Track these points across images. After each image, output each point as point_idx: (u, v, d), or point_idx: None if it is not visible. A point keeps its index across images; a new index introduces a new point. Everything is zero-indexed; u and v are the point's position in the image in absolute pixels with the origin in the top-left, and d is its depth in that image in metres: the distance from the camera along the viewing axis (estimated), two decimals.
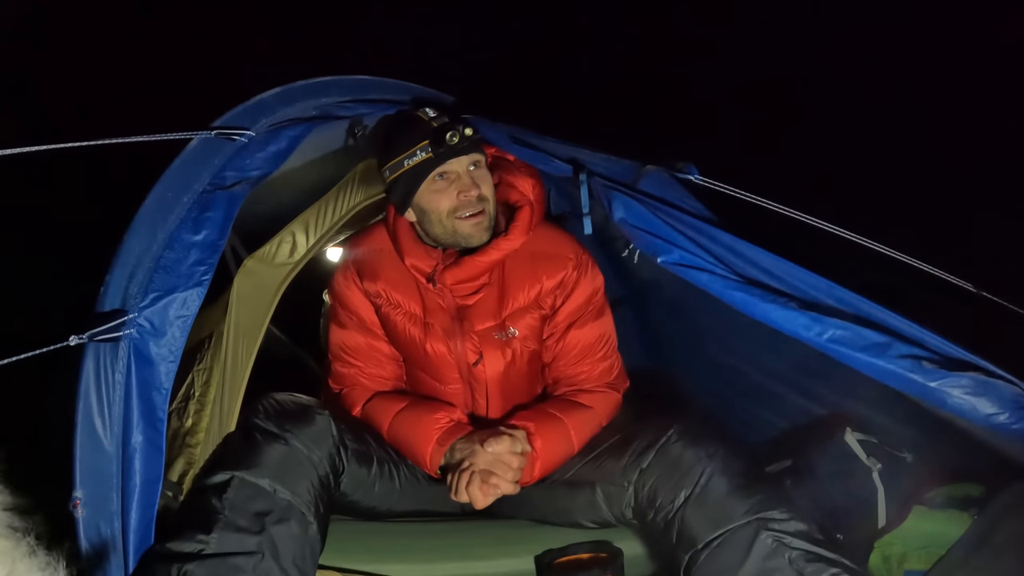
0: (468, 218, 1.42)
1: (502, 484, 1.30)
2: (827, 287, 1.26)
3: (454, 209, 1.42)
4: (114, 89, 3.09)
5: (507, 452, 1.33)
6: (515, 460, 1.33)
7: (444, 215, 1.43)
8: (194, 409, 1.42)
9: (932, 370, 1.14)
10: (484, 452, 1.32)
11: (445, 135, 1.38)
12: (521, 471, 1.35)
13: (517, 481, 1.34)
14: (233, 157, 1.34)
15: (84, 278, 1.24)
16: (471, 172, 1.44)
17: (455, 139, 1.38)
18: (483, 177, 1.46)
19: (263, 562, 1.12)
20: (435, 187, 1.43)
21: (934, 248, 1.40)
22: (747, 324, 1.28)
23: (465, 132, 1.40)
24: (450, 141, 1.38)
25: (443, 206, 1.42)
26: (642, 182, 1.49)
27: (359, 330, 1.58)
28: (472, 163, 1.44)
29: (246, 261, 1.55)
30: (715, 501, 1.21)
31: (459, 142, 1.39)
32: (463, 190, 1.41)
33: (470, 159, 1.44)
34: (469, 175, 1.43)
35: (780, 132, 3.31)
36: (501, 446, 1.32)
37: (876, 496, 1.41)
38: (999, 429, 1.12)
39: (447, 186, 1.42)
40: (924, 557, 1.25)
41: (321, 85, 1.52)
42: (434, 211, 1.44)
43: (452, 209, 1.42)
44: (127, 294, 1.17)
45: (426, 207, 1.45)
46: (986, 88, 2.76)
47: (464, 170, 1.43)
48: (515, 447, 1.34)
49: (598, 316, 1.56)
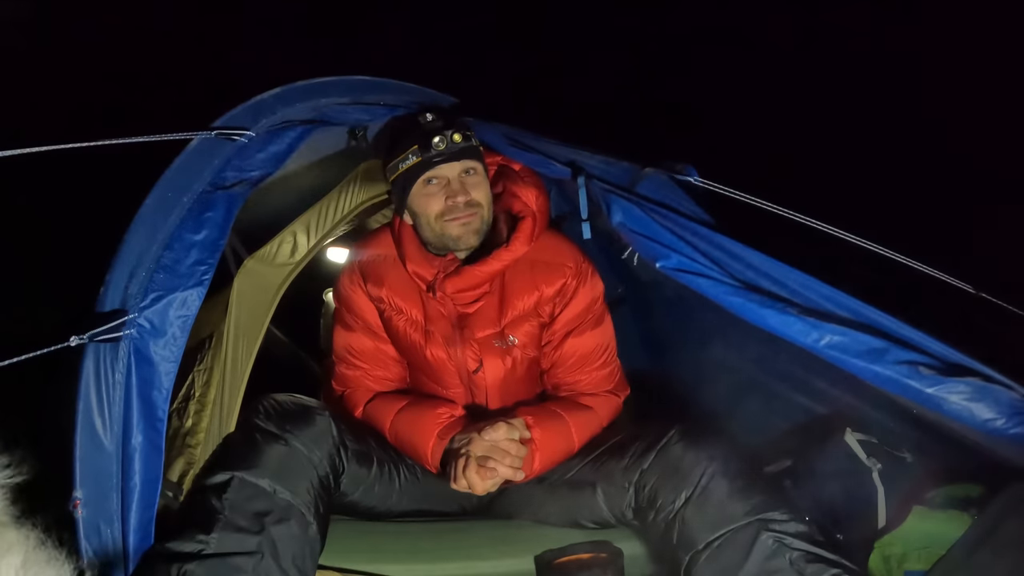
0: (456, 220, 1.42)
1: (500, 468, 1.29)
2: (825, 291, 1.26)
3: (442, 213, 1.43)
4: (114, 89, 3.09)
5: (504, 439, 1.32)
6: (512, 447, 1.33)
7: (432, 219, 1.44)
8: (194, 409, 1.42)
9: (929, 376, 1.14)
10: (481, 439, 1.32)
11: (433, 139, 1.38)
12: (521, 459, 1.33)
13: (518, 468, 1.32)
14: (233, 157, 1.34)
15: (84, 278, 1.24)
16: (463, 178, 1.44)
17: (441, 145, 1.39)
18: (477, 184, 1.46)
19: (263, 562, 1.12)
20: (425, 191, 1.44)
21: (933, 249, 1.40)
22: (747, 324, 1.29)
23: (453, 138, 1.40)
24: (436, 147, 1.39)
25: (432, 210, 1.43)
26: (641, 185, 1.49)
27: (366, 333, 1.58)
28: (465, 169, 1.44)
29: (246, 261, 1.55)
30: (715, 502, 1.21)
31: (447, 148, 1.40)
32: (450, 195, 1.41)
33: (462, 165, 1.43)
34: (460, 180, 1.43)
35: (780, 133, 3.31)
36: (498, 433, 1.32)
37: (876, 496, 1.40)
38: (997, 434, 1.12)
39: (437, 191, 1.43)
40: (924, 557, 1.25)
41: (321, 85, 1.53)
42: (423, 215, 1.45)
43: (440, 213, 1.43)
44: (127, 294, 1.17)
45: (417, 210, 1.46)
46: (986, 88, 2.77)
47: (455, 176, 1.43)
48: (512, 434, 1.34)
49: (597, 324, 1.55)
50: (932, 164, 2.74)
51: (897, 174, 2.86)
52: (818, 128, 3.13)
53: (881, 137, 2.99)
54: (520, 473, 1.33)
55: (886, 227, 1.46)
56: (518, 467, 1.32)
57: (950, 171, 2.70)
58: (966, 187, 2.62)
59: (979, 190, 2.58)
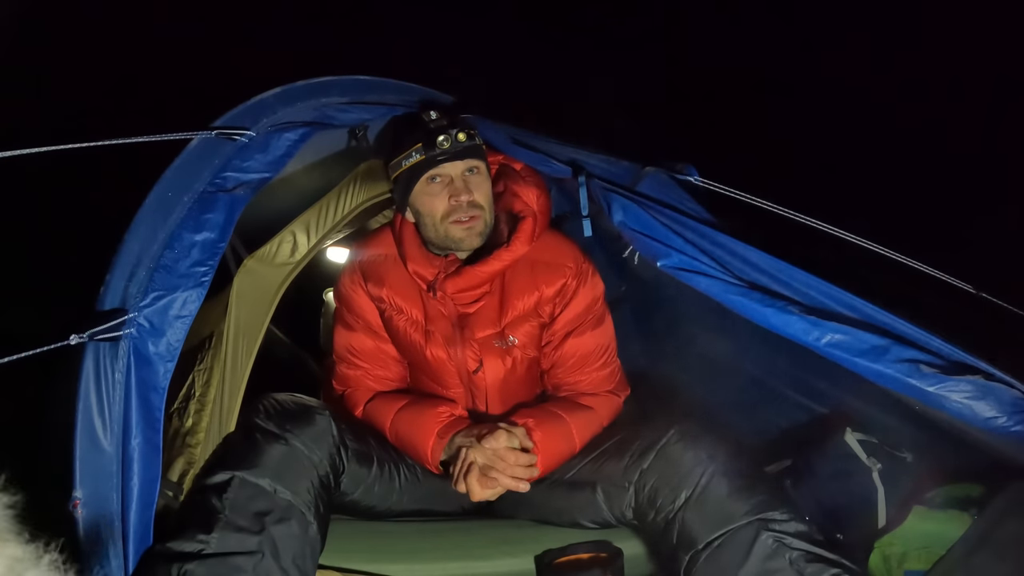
0: (460, 223, 1.42)
1: (501, 479, 1.29)
2: (826, 289, 1.26)
3: (447, 213, 1.42)
4: (114, 89, 3.09)
5: (504, 448, 1.32)
6: (511, 455, 1.32)
7: (438, 219, 1.44)
8: (194, 409, 1.42)
9: (931, 374, 1.15)
10: (482, 448, 1.32)
11: (437, 138, 1.38)
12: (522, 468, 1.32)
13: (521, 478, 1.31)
14: (233, 157, 1.34)
15: (84, 278, 1.24)
16: (466, 177, 1.44)
17: (446, 143, 1.39)
18: (480, 184, 1.45)
19: (263, 562, 1.12)
20: (428, 190, 1.43)
21: (934, 249, 1.40)
22: (748, 324, 1.29)
23: (458, 137, 1.40)
24: (440, 145, 1.39)
25: (436, 209, 1.43)
26: (641, 184, 1.49)
27: (366, 333, 1.58)
28: (469, 168, 1.44)
29: (246, 261, 1.54)
30: (715, 502, 1.21)
31: (451, 146, 1.39)
32: (454, 194, 1.41)
33: (466, 164, 1.43)
34: (463, 179, 1.43)
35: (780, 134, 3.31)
36: (498, 442, 1.32)
37: (876, 496, 1.41)
38: (999, 432, 1.12)
39: (440, 189, 1.43)
40: (924, 557, 1.25)
41: (321, 85, 1.52)
42: (427, 214, 1.45)
43: (445, 213, 1.43)
44: (127, 294, 1.17)
45: (420, 209, 1.46)
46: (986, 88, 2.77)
47: (458, 174, 1.43)
48: (512, 442, 1.33)
49: (597, 325, 1.55)
50: (932, 164, 2.74)
51: (897, 174, 2.86)
52: (818, 128, 3.13)
53: (881, 137, 2.99)
54: (524, 485, 1.32)
55: (886, 227, 1.46)
56: (521, 476, 1.32)
57: (950, 171, 2.69)
58: (966, 187, 2.62)
59: (979, 190, 2.58)
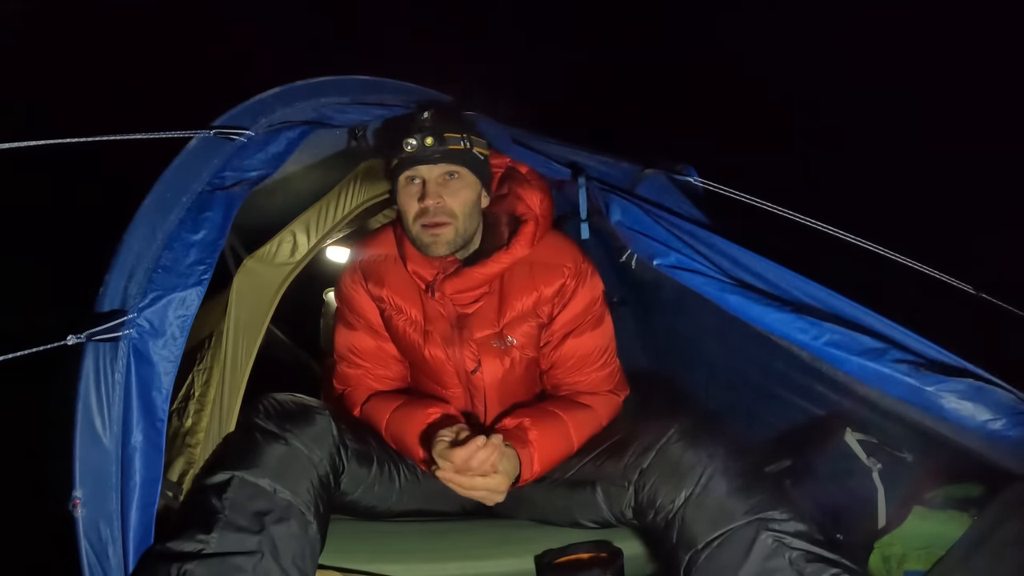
0: (427, 227, 1.40)
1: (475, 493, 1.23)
2: (824, 294, 1.25)
3: (417, 215, 1.41)
4: (114, 88, 3.09)
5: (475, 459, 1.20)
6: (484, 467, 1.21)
7: (410, 220, 1.43)
8: (194, 409, 1.42)
9: (928, 374, 1.14)
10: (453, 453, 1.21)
11: (416, 137, 1.37)
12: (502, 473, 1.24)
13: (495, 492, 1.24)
14: (232, 157, 1.34)
15: (84, 278, 1.24)
16: (442, 181, 1.41)
17: (426, 143, 1.37)
18: (456, 191, 1.41)
19: (263, 561, 1.12)
20: (406, 190, 1.43)
21: (933, 249, 1.40)
22: (746, 324, 1.28)
23: (441, 138, 1.37)
24: (418, 145, 1.37)
25: (409, 210, 1.42)
26: (641, 186, 1.49)
27: (367, 332, 1.58)
28: (448, 172, 1.41)
29: (246, 261, 1.55)
30: (715, 501, 1.21)
31: (430, 147, 1.37)
32: (422, 196, 1.40)
33: (443, 168, 1.41)
34: (437, 183, 1.41)
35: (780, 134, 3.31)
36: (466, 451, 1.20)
37: (876, 496, 1.41)
38: (995, 435, 1.11)
39: (416, 191, 1.42)
40: (924, 557, 1.25)
41: (321, 85, 1.52)
42: (405, 213, 1.45)
43: (416, 215, 1.42)
44: (126, 294, 1.17)
45: (400, 207, 1.46)
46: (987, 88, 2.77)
47: (433, 177, 1.41)
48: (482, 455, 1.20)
49: (596, 326, 1.55)
50: (932, 164, 2.74)
51: (897, 174, 2.87)
52: (817, 128, 3.13)
53: (881, 137, 3.00)
54: (496, 497, 1.25)
55: (886, 227, 1.46)
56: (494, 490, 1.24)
57: (950, 171, 2.70)
58: (966, 187, 2.63)
59: (979, 190, 2.59)
